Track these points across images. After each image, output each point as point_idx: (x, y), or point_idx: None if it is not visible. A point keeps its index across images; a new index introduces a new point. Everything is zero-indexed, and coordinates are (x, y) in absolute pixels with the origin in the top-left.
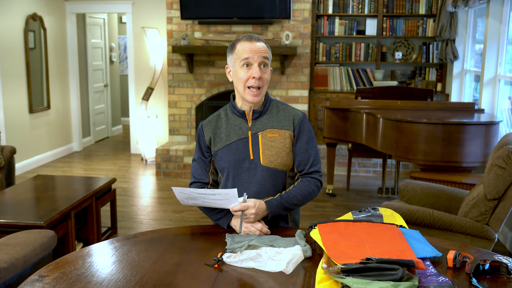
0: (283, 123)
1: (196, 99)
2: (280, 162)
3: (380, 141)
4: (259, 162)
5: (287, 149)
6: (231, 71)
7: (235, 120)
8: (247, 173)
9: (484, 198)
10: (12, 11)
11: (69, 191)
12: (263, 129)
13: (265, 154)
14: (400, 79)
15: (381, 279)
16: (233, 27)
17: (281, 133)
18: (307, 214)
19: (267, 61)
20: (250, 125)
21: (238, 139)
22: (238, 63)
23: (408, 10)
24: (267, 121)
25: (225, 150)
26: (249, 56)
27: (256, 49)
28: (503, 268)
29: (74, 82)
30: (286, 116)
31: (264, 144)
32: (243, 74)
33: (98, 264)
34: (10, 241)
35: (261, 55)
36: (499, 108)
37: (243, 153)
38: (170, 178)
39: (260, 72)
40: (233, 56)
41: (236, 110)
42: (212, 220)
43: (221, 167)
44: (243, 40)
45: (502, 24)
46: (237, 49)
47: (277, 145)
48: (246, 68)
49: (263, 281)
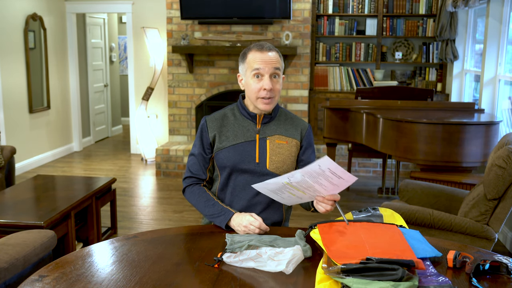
0: (290, 131)
1: (196, 99)
2: (285, 169)
3: (380, 141)
4: (264, 167)
5: (293, 158)
6: (243, 80)
7: (244, 122)
8: (249, 176)
9: (484, 198)
10: (12, 11)
11: (69, 191)
12: (271, 135)
13: (271, 160)
14: (400, 79)
15: (381, 279)
16: (233, 27)
17: (288, 141)
18: (307, 214)
19: (279, 71)
20: (259, 128)
21: (245, 140)
22: (249, 74)
23: (408, 10)
24: (276, 127)
25: (230, 150)
26: (260, 67)
27: (267, 59)
28: (503, 268)
29: (74, 82)
30: (294, 126)
31: (271, 149)
32: (254, 86)
33: (98, 264)
34: (10, 241)
35: (273, 66)
36: (499, 108)
37: (249, 156)
38: (170, 178)
39: (271, 83)
40: (244, 66)
41: (246, 112)
42: (208, 219)
43: (223, 166)
44: (254, 49)
45: (502, 24)
46: (248, 59)
47: (284, 152)
48: (257, 79)
49: (263, 281)
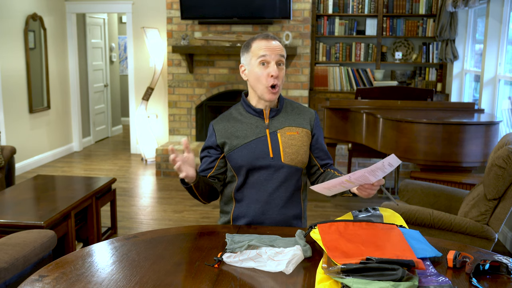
0: (299, 121)
1: (196, 99)
2: (300, 160)
3: (380, 141)
4: (280, 160)
5: (305, 147)
6: (246, 70)
7: (251, 119)
8: (266, 172)
9: (484, 198)
10: (12, 11)
11: (69, 191)
12: (281, 127)
13: (286, 152)
14: (400, 79)
15: (381, 279)
16: (233, 27)
17: (299, 131)
18: (307, 214)
19: (283, 59)
20: (268, 123)
21: (256, 137)
22: (255, 61)
23: (408, 10)
24: (284, 119)
25: (243, 149)
26: (266, 53)
27: (272, 47)
28: (503, 268)
29: (74, 82)
30: (302, 115)
31: (284, 142)
32: (261, 73)
33: (98, 264)
34: (10, 241)
35: (278, 53)
36: (499, 108)
37: (263, 152)
38: (170, 178)
39: (278, 70)
40: (249, 55)
41: (252, 109)
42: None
43: (238, 166)
44: (259, 38)
45: (502, 24)
46: (253, 48)
47: (296, 143)
48: (263, 66)
49: (263, 281)
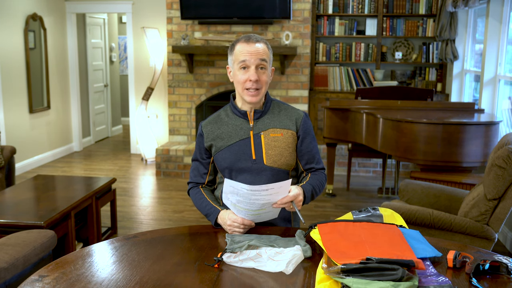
0: (285, 123)
1: (196, 99)
2: (284, 162)
3: (380, 141)
4: (262, 162)
5: (290, 149)
6: (231, 72)
7: (236, 121)
8: (248, 174)
9: (484, 198)
10: (12, 11)
11: (69, 191)
12: (265, 129)
13: (268, 154)
14: (400, 79)
15: (381, 279)
16: (233, 27)
17: (283, 132)
18: (307, 214)
19: (265, 63)
20: (252, 125)
21: (240, 139)
22: (236, 65)
23: (408, 10)
24: (269, 121)
25: (226, 151)
26: (245, 58)
27: (253, 51)
28: (503, 268)
29: (74, 82)
30: (288, 116)
31: (267, 144)
32: (241, 77)
33: (98, 264)
34: (10, 241)
35: (258, 57)
36: (499, 108)
37: (245, 154)
38: (170, 178)
39: (257, 74)
40: (232, 58)
41: (237, 111)
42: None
43: (222, 168)
44: (242, 41)
45: (502, 24)
46: (236, 51)
47: (280, 145)
48: (243, 70)
49: (263, 281)
